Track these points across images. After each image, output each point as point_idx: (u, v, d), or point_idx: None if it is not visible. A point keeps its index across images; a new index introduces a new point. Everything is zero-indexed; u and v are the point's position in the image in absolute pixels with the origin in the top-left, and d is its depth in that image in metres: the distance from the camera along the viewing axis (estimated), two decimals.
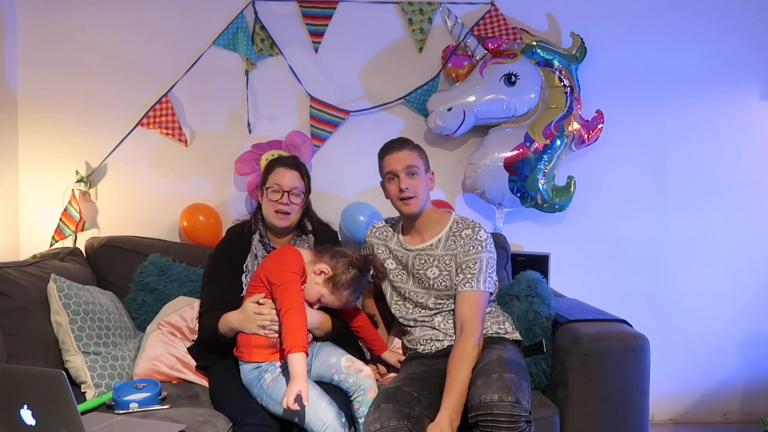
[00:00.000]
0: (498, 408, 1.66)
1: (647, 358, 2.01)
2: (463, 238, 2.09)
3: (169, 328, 2.27)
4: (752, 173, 2.96)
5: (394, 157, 2.10)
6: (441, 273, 2.09)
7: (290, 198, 2.15)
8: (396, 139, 2.17)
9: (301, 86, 2.83)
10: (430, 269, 2.11)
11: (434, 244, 2.13)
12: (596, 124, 2.80)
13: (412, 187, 2.07)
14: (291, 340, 1.77)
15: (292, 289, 1.87)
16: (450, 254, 2.10)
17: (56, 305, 2.08)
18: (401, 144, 2.13)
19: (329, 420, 1.77)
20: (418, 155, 2.12)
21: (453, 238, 2.11)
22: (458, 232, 2.11)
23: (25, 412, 1.48)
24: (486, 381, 1.74)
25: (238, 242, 2.21)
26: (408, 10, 2.81)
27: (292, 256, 1.97)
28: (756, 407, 3.01)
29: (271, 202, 2.15)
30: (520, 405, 1.68)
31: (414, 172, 2.08)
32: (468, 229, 2.11)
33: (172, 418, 1.83)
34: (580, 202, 2.86)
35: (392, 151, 2.12)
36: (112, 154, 2.79)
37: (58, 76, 2.77)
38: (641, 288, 2.95)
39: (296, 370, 1.73)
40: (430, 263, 2.11)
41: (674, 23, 2.90)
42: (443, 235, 2.13)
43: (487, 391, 1.70)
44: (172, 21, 2.79)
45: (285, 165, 2.20)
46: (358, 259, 1.97)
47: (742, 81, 2.93)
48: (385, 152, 2.14)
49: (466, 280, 2.03)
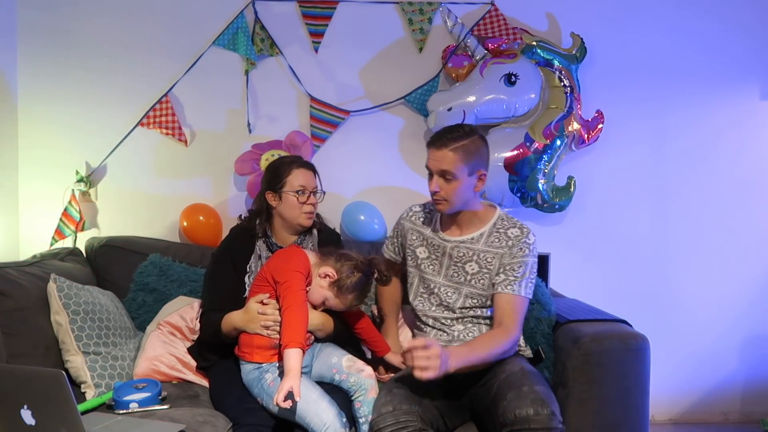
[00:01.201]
0: (536, 423, 1.65)
1: (647, 358, 2.01)
2: (510, 238, 1.97)
3: (169, 328, 2.27)
4: (752, 173, 2.96)
5: (433, 154, 1.92)
6: (480, 270, 1.98)
7: (315, 197, 2.19)
8: (445, 130, 1.94)
9: (301, 86, 2.83)
10: (469, 264, 1.99)
11: (476, 238, 2.00)
12: (596, 124, 2.80)
13: (443, 191, 1.92)
14: (288, 336, 1.77)
15: (295, 286, 1.88)
16: (493, 252, 1.97)
17: (56, 305, 2.08)
18: (444, 142, 1.89)
19: (330, 420, 1.77)
20: (460, 157, 1.88)
21: (497, 235, 1.99)
22: (503, 230, 1.99)
23: (25, 412, 1.48)
24: (517, 394, 1.72)
25: (241, 242, 2.20)
26: (408, 10, 2.81)
27: (298, 257, 1.98)
28: (756, 407, 3.01)
29: (300, 203, 2.14)
30: (556, 416, 1.67)
31: (449, 178, 1.90)
32: (515, 228, 1.99)
33: (172, 418, 1.83)
34: (580, 202, 2.86)
35: (433, 147, 1.92)
36: (112, 154, 2.79)
37: (58, 75, 2.77)
38: (641, 288, 2.95)
39: (290, 366, 1.72)
40: (470, 257, 1.99)
41: (674, 23, 2.90)
42: (486, 230, 2.00)
43: (521, 405, 1.68)
44: (172, 21, 2.79)
45: (304, 166, 2.19)
46: (362, 263, 1.96)
47: (743, 81, 2.93)
48: (429, 144, 1.95)
49: (508, 282, 1.92)
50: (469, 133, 1.91)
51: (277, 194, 2.16)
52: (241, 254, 2.17)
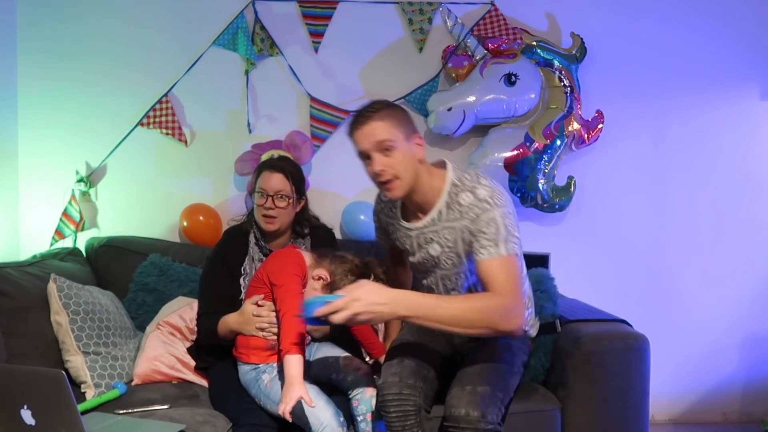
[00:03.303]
0: (465, 423, 1.67)
1: (647, 358, 2.01)
2: (462, 205, 1.75)
3: (168, 328, 2.27)
4: (752, 173, 2.96)
5: (361, 132, 1.73)
6: (442, 249, 1.81)
7: (275, 201, 2.08)
8: (362, 108, 1.76)
9: (301, 86, 2.83)
10: (431, 246, 1.83)
11: (435, 218, 1.80)
12: (596, 124, 2.80)
13: (389, 168, 1.71)
14: (287, 342, 1.77)
15: (293, 290, 1.87)
16: (449, 227, 1.78)
17: (56, 305, 2.08)
18: (367, 115, 1.72)
19: (327, 419, 1.77)
20: (390, 123, 1.71)
21: (450, 209, 1.77)
22: (455, 201, 1.77)
23: (25, 412, 1.48)
24: (459, 392, 1.73)
25: (235, 244, 2.19)
26: (408, 10, 2.81)
27: (294, 258, 1.97)
28: (756, 407, 3.00)
29: (258, 206, 2.11)
30: (486, 419, 1.67)
31: (388, 147, 1.70)
32: (465, 192, 1.75)
33: (172, 418, 1.83)
34: (580, 202, 2.86)
35: (357, 126, 1.74)
36: (112, 154, 2.79)
37: (58, 75, 2.77)
38: (641, 288, 2.95)
39: (291, 374, 1.74)
40: (430, 241, 1.83)
41: (674, 23, 2.90)
42: (442, 205, 1.79)
43: (457, 405, 1.70)
44: (172, 21, 2.79)
45: (270, 168, 2.12)
46: (357, 266, 1.95)
47: (742, 82, 2.93)
48: (351, 128, 1.77)
49: (481, 247, 1.69)
50: (384, 103, 1.78)
51: (252, 196, 2.18)
52: (235, 256, 2.16)
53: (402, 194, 1.76)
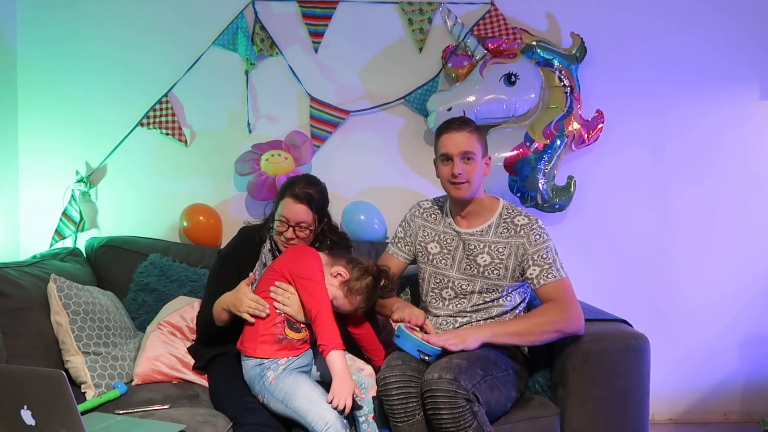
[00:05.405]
0: (435, 384, 1.72)
1: (647, 358, 2.01)
2: (518, 226, 2.04)
3: (169, 328, 2.27)
4: (752, 173, 2.96)
5: (452, 138, 2.01)
6: (492, 260, 2.03)
7: (296, 232, 2.06)
8: (456, 118, 2.08)
9: (301, 86, 2.83)
10: (481, 256, 2.04)
11: (484, 230, 2.07)
12: (596, 124, 2.80)
13: (465, 173, 1.99)
14: (332, 337, 1.83)
15: (323, 285, 1.93)
16: (503, 242, 2.04)
17: (56, 305, 2.08)
18: (461, 125, 2.02)
19: (331, 420, 1.77)
20: (477, 139, 2.02)
21: (505, 225, 2.05)
22: (510, 219, 2.06)
23: (25, 412, 1.48)
24: (436, 364, 1.81)
25: (248, 247, 2.19)
26: (408, 10, 2.81)
27: (314, 255, 2.01)
28: (756, 407, 3.00)
29: (278, 232, 2.08)
30: (457, 383, 1.71)
31: (470, 158, 1.99)
32: (520, 216, 2.06)
33: (172, 418, 1.83)
34: (580, 202, 2.86)
35: (450, 131, 2.02)
36: (113, 154, 2.79)
37: (58, 76, 2.77)
38: (641, 288, 2.95)
39: (342, 367, 1.80)
40: (481, 249, 2.05)
41: (675, 23, 2.90)
42: (494, 221, 2.07)
43: (431, 371, 1.77)
44: (172, 21, 2.79)
45: (295, 197, 2.05)
46: (372, 268, 1.98)
47: (743, 81, 2.93)
48: (443, 131, 2.04)
49: (546, 272, 1.99)
50: (474, 122, 2.08)
51: (272, 215, 2.15)
52: (246, 260, 2.16)
53: (467, 195, 2.03)
